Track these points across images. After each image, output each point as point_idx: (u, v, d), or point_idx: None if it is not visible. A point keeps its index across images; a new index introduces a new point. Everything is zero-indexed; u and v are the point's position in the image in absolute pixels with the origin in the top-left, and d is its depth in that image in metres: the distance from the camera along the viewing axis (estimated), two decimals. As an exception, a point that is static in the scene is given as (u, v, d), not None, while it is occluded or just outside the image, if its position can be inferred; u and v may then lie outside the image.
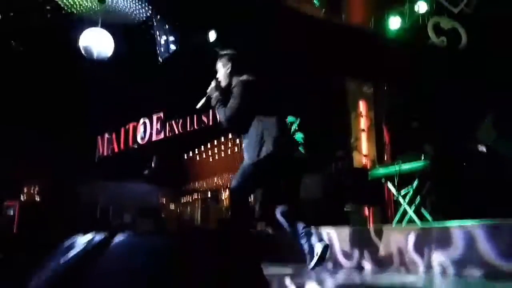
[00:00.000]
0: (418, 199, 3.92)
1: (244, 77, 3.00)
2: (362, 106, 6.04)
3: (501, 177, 3.84)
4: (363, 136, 5.90)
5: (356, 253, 3.42)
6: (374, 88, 6.03)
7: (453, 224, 2.86)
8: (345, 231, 3.71)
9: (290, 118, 4.69)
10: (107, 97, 8.51)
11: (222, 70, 3.07)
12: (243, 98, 2.89)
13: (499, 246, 2.51)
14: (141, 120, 9.10)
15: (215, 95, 3.02)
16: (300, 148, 4.53)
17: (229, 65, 3.05)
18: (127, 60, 7.37)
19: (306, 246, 2.83)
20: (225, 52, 3.15)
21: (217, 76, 3.09)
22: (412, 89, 5.40)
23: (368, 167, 5.44)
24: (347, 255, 3.50)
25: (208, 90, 3.07)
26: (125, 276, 1.88)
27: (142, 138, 9.01)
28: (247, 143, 2.97)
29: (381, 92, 5.97)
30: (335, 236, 3.67)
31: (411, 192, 3.94)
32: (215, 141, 8.29)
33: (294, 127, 4.63)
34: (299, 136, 4.62)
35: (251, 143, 2.91)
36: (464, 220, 2.89)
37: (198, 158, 8.79)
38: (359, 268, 3.32)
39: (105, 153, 9.80)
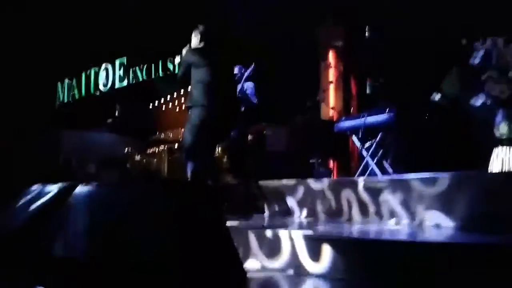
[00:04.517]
0: (380, 152, 4.01)
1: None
2: (331, 56, 5.96)
3: (463, 129, 3.96)
4: (331, 88, 5.87)
5: (309, 206, 3.47)
6: (346, 39, 5.92)
7: (411, 176, 2.95)
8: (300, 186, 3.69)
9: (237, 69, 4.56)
10: (66, 38, 8.00)
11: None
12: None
13: (458, 197, 2.61)
14: (103, 66, 8.67)
15: None
16: (251, 97, 4.49)
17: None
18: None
19: None
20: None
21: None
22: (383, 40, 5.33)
23: (335, 119, 5.47)
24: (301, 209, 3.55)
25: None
26: (87, 227, 1.85)
27: (105, 85, 8.64)
28: None
29: (353, 43, 5.88)
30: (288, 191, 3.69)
31: (374, 145, 4.02)
32: (182, 90, 8.06)
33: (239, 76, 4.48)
34: (249, 85, 4.54)
35: None
36: (423, 171, 2.98)
37: (164, 107, 8.57)
38: (315, 219, 3.39)
39: (65, 100, 9.40)
